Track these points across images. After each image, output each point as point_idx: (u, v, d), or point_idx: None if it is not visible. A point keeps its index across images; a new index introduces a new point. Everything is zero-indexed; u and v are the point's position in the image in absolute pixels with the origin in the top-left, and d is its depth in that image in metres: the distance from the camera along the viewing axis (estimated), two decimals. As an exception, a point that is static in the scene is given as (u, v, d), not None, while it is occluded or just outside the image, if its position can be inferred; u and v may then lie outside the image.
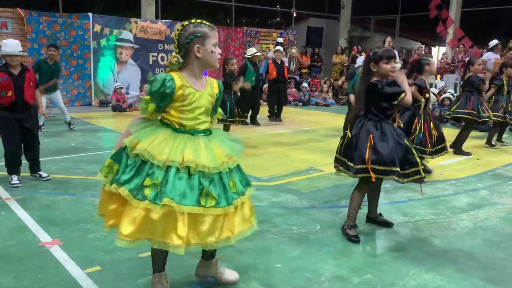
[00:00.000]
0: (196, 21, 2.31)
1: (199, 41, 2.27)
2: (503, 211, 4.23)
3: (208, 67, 2.38)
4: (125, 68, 12.55)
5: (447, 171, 5.75)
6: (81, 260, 3.00)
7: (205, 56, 2.30)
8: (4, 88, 4.48)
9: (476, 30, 15.59)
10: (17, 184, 4.63)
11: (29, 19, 10.92)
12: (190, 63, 2.32)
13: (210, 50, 2.29)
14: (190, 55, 2.30)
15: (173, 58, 2.29)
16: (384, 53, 3.36)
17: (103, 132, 8.38)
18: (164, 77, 2.25)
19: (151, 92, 2.25)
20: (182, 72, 2.32)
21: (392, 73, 3.38)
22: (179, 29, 2.30)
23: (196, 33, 2.27)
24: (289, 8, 18.05)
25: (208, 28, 2.30)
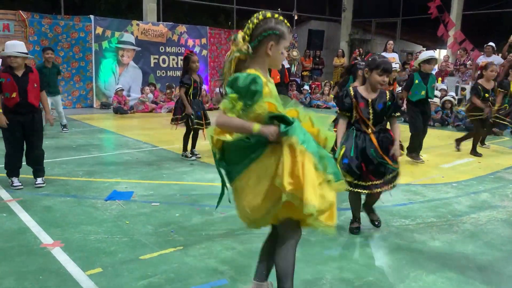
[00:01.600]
0: (279, 17, 2.16)
1: (275, 39, 2.13)
2: (504, 214, 4.23)
3: (272, 65, 2.24)
4: (126, 70, 12.58)
5: (448, 174, 5.75)
6: (83, 262, 3.01)
7: (274, 56, 2.16)
8: (8, 89, 4.47)
9: (477, 33, 15.59)
10: (19, 186, 4.63)
11: (31, 21, 10.95)
12: (258, 56, 2.15)
13: (281, 51, 2.18)
14: (261, 49, 2.14)
15: (243, 45, 2.11)
16: (380, 63, 3.38)
17: (105, 134, 8.40)
18: (252, 75, 2.05)
19: (239, 90, 2.04)
20: (254, 67, 2.13)
21: (381, 86, 3.44)
22: (260, 19, 2.13)
23: (276, 30, 2.12)
24: (290, 10, 18.07)
25: (287, 29, 2.17)
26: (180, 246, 3.29)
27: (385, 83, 3.46)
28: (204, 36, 14.08)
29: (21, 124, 4.59)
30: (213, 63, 14.32)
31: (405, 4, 17.50)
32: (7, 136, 4.64)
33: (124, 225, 3.71)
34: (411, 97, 6.07)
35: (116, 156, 6.52)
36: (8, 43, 4.65)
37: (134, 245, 3.31)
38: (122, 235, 3.49)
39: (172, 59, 13.38)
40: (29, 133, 4.66)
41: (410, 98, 6.08)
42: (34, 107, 4.67)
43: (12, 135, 4.61)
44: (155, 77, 13.04)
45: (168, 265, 3.00)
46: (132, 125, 9.70)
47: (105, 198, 4.38)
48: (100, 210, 4.06)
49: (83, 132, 8.30)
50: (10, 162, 4.70)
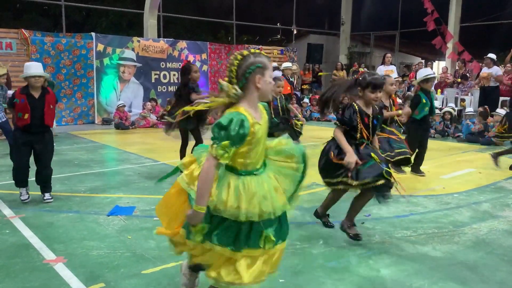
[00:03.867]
0: (255, 51, 2.23)
1: (260, 72, 2.17)
2: (506, 224, 4.23)
3: (264, 98, 2.25)
4: (127, 86, 12.67)
5: (449, 184, 5.76)
6: (85, 277, 3.02)
7: (264, 87, 2.20)
8: (21, 110, 4.53)
9: (475, 44, 15.72)
10: (26, 199, 4.70)
11: (33, 40, 11.08)
12: (248, 94, 2.19)
13: (268, 81, 2.21)
14: (250, 86, 2.18)
15: (230, 89, 2.14)
16: (371, 80, 3.47)
17: (106, 150, 8.44)
18: (241, 117, 2.08)
19: (230, 136, 2.05)
20: (243, 105, 2.17)
21: (375, 102, 3.57)
22: (239, 59, 2.17)
23: (257, 63, 2.17)
24: (289, 25, 18.28)
25: (267, 59, 2.22)
26: (182, 261, 3.29)
27: (379, 99, 3.60)
28: (204, 51, 14.22)
29: (30, 143, 4.64)
30: (214, 78, 14.43)
31: (403, 17, 17.67)
32: (15, 151, 4.71)
33: (127, 240, 3.73)
34: (417, 116, 6.05)
35: (118, 171, 6.55)
36: (28, 64, 4.71)
37: (136, 260, 3.32)
38: (125, 250, 3.50)
39: (173, 74, 13.49)
40: (40, 152, 4.70)
41: (415, 116, 6.05)
42: (46, 128, 4.70)
43: (19, 150, 4.66)
44: (156, 92, 13.13)
45: (171, 279, 3.00)
46: (134, 140, 9.75)
47: (107, 214, 4.40)
48: (102, 226, 4.07)
49: (85, 148, 8.34)
50: (17, 176, 4.76)
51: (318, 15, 21.73)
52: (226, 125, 2.06)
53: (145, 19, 13.91)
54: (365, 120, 3.55)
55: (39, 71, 4.59)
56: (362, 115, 3.54)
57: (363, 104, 3.57)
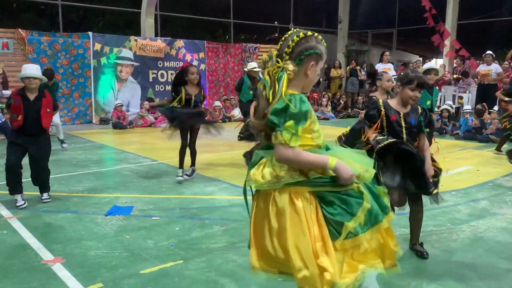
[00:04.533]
0: (319, 36, 2.01)
1: (316, 59, 1.99)
2: (504, 221, 4.24)
3: (306, 88, 2.06)
4: (125, 85, 12.65)
5: (447, 182, 5.75)
6: (83, 278, 3.01)
7: (312, 77, 2.01)
8: (15, 110, 4.51)
9: (472, 42, 15.74)
10: (22, 205, 4.61)
11: (30, 39, 11.05)
12: (296, 77, 1.98)
13: (318, 72, 2.03)
14: (300, 70, 1.97)
15: (289, 65, 1.93)
16: (414, 78, 3.21)
17: (104, 149, 8.42)
18: (299, 96, 1.92)
19: (293, 115, 1.87)
20: (292, 89, 1.97)
21: (413, 102, 3.28)
22: (301, 37, 1.96)
23: (317, 49, 1.98)
24: (287, 23, 18.26)
25: (325, 49, 2.03)
26: (181, 260, 3.30)
27: (418, 99, 3.30)
28: (202, 50, 14.20)
29: (24, 144, 4.59)
30: (211, 77, 14.42)
31: (400, 15, 17.67)
32: (8, 154, 4.63)
33: (125, 239, 3.72)
34: None
35: (115, 171, 6.54)
36: (25, 65, 4.71)
37: (134, 260, 3.31)
38: (123, 250, 3.50)
39: (171, 73, 13.46)
40: (35, 154, 4.65)
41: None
42: (41, 130, 4.65)
43: (11, 148, 4.61)
44: (153, 92, 13.11)
45: (169, 279, 3.00)
46: (131, 140, 9.73)
47: (105, 213, 4.39)
48: (100, 226, 4.07)
49: (82, 148, 8.33)
50: (10, 179, 4.67)
51: (315, 13, 21.70)
52: (284, 107, 1.87)
53: (142, 18, 13.87)
54: (392, 117, 3.26)
55: (34, 72, 4.56)
56: (388, 111, 3.28)
57: (396, 103, 3.33)
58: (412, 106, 3.33)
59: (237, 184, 5.52)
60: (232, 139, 8.07)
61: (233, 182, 5.62)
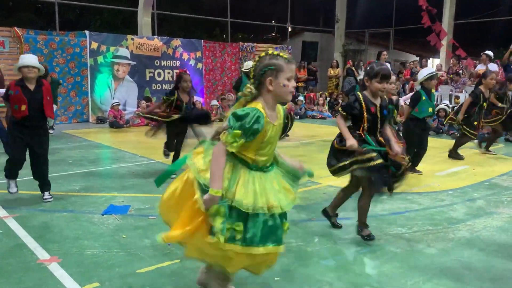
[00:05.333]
0: (273, 53, 2.29)
1: (272, 74, 2.24)
2: (500, 220, 4.26)
3: (280, 100, 2.33)
4: (122, 84, 12.62)
5: (444, 181, 5.78)
6: (80, 277, 3.00)
7: (276, 89, 2.26)
8: (16, 101, 4.46)
9: (469, 42, 15.78)
10: (15, 192, 4.67)
11: (26, 38, 11.00)
12: (263, 94, 2.29)
13: (282, 84, 2.25)
14: (263, 87, 2.27)
15: (246, 88, 2.28)
16: (379, 70, 3.42)
17: (101, 148, 8.40)
18: (258, 114, 2.19)
19: (244, 129, 2.17)
20: (261, 102, 2.28)
21: (382, 93, 3.52)
22: (256, 60, 2.30)
23: (270, 65, 2.24)
24: (284, 23, 18.26)
25: (284, 61, 2.26)
26: (178, 259, 3.29)
27: (385, 90, 3.53)
28: (199, 49, 14.18)
29: (26, 137, 4.56)
30: (208, 76, 14.40)
31: (397, 14, 17.71)
32: (12, 145, 4.65)
33: (121, 239, 3.71)
34: (418, 114, 5.88)
35: (112, 170, 6.52)
36: (23, 56, 4.67)
37: (131, 259, 3.31)
38: (119, 249, 3.49)
39: (167, 72, 13.45)
40: (36, 147, 4.62)
41: (417, 115, 5.89)
42: (45, 120, 4.64)
43: (14, 142, 4.59)
44: (150, 90, 13.08)
45: (166, 278, 3.00)
46: (128, 139, 9.71)
47: (102, 213, 4.38)
48: (97, 225, 4.05)
49: (79, 147, 8.30)
50: (9, 168, 4.70)
51: (312, 12, 21.71)
52: (242, 116, 2.17)
53: (139, 17, 13.85)
54: (371, 109, 3.48)
55: (33, 61, 4.52)
56: (368, 104, 3.48)
57: (370, 95, 3.53)
58: (382, 98, 3.57)
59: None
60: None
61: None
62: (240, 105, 2.30)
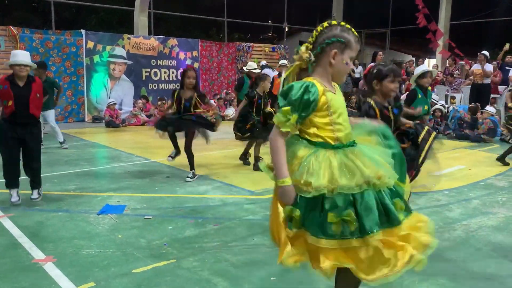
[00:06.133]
0: (346, 25, 2.03)
1: (340, 48, 1.99)
2: (495, 220, 4.27)
3: (335, 78, 2.08)
4: (118, 84, 12.59)
5: (440, 181, 5.78)
6: (75, 277, 2.99)
7: (338, 66, 2.02)
8: (4, 96, 4.41)
9: (464, 42, 15.84)
10: (17, 201, 4.58)
11: (22, 37, 10.95)
12: (320, 66, 2.03)
13: (345, 61, 2.02)
14: (323, 58, 2.01)
15: (304, 53, 2.00)
16: (390, 70, 3.37)
17: (97, 148, 8.38)
18: (306, 84, 1.93)
19: (291, 101, 1.92)
20: (314, 76, 2.02)
21: (395, 93, 3.45)
22: (324, 26, 2.02)
23: (340, 37, 1.99)
24: (280, 23, 18.27)
25: (354, 38, 2.03)
26: (173, 259, 3.28)
27: (397, 89, 3.49)
28: (195, 48, 14.17)
29: (18, 135, 4.50)
30: (205, 75, 14.39)
31: (394, 15, 17.75)
32: (2, 145, 4.55)
33: (117, 238, 3.70)
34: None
35: (108, 169, 6.50)
36: (15, 52, 4.60)
37: (127, 259, 3.29)
38: (115, 249, 3.48)
39: (164, 72, 13.43)
40: (28, 145, 4.58)
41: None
42: (33, 117, 4.59)
43: (6, 144, 4.52)
44: (147, 90, 13.06)
45: (161, 278, 2.99)
46: (124, 138, 9.69)
47: (98, 212, 4.37)
48: (92, 224, 4.04)
49: (75, 146, 8.27)
50: (7, 172, 4.63)
51: (309, 12, 21.72)
52: (287, 91, 1.94)
53: (135, 16, 13.82)
54: (385, 113, 3.41)
55: (25, 60, 4.48)
56: (382, 110, 3.40)
57: (380, 99, 3.45)
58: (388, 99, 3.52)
59: (230, 183, 5.51)
60: (225, 138, 8.06)
61: (226, 181, 5.61)
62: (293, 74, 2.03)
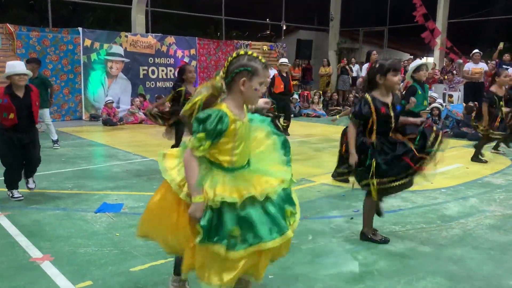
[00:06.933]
0: (252, 54, 2.21)
1: (248, 76, 2.17)
2: (492, 218, 4.28)
3: (247, 102, 2.28)
4: (115, 82, 12.56)
5: (437, 180, 5.77)
6: (73, 275, 2.98)
7: (247, 92, 2.20)
8: (5, 110, 4.43)
9: (462, 41, 15.85)
10: (19, 197, 4.65)
11: (19, 35, 10.91)
12: (233, 93, 2.21)
13: (254, 88, 2.20)
14: (234, 86, 2.20)
15: (217, 81, 2.18)
16: (392, 65, 3.37)
17: (94, 147, 8.35)
18: (220, 114, 2.12)
19: (207, 129, 2.10)
20: (227, 103, 2.21)
21: (398, 86, 3.47)
22: (234, 56, 2.21)
23: (247, 66, 2.17)
24: (278, 21, 18.25)
25: (261, 65, 2.20)
26: (171, 258, 3.28)
27: (400, 82, 3.47)
28: (193, 46, 14.14)
29: (21, 141, 4.55)
30: (203, 74, 14.37)
31: (392, 13, 17.74)
32: (5, 153, 4.56)
33: (115, 237, 3.69)
34: (414, 109, 5.85)
35: (105, 168, 6.49)
36: (11, 63, 4.61)
37: (124, 257, 3.29)
38: (113, 248, 3.47)
39: (161, 70, 13.41)
40: (29, 149, 4.65)
41: (413, 109, 5.87)
42: (34, 125, 4.69)
43: (11, 152, 4.55)
44: (144, 88, 13.04)
45: (159, 276, 2.99)
46: (122, 136, 9.66)
47: (95, 211, 4.36)
48: (90, 223, 4.03)
49: (72, 145, 8.25)
50: (10, 178, 4.68)
51: (307, 10, 21.71)
52: (203, 119, 2.11)
53: (133, 14, 13.78)
54: (381, 110, 3.35)
55: (24, 69, 4.54)
56: (377, 106, 3.36)
57: (380, 94, 3.41)
58: (394, 94, 3.47)
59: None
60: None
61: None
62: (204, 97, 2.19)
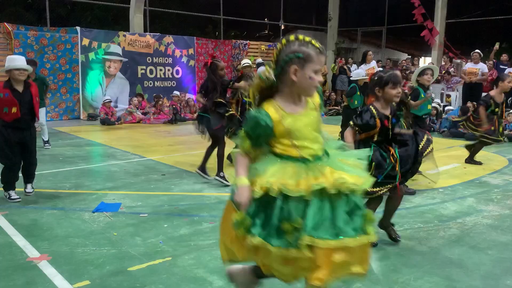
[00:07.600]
0: (304, 39, 1.96)
1: (299, 63, 1.94)
2: (490, 218, 4.29)
3: (302, 94, 2.04)
4: (113, 81, 12.55)
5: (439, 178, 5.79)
6: (70, 275, 2.98)
7: (301, 82, 1.96)
8: (6, 104, 4.41)
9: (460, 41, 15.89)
10: (17, 199, 4.60)
11: (16, 34, 10.89)
12: (283, 84, 2.01)
13: (308, 76, 1.95)
14: (285, 76, 1.98)
15: (264, 73, 2.01)
16: (390, 78, 3.34)
17: (92, 146, 8.34)
18: (256, 118, 1.98)
19: (247, 131, 2.03)
20: (277, 99, 2.03)
21: (397, 99, 3.41)
22: (283, 43, 1.98)
23: (299, 52, 1.94)
24: (277, 20, 18.25)
25: (314, 51, 1.95)
26: (169, 257, 3.28)
27: (400, 94, 3.43)
28: (191, 46, 14.13)
29: (21, 140, 4.55)
30: (201, 73, 14.36)
31: (390, 13, 17.76)
32: (4, 151, 4.52)
33: (112, 236, 3.69)
34: (418, 112, 5.75)
35: (103, 167, 6.48)
36: (12, 57, 4.60)
37: (122, 257, 3.29)
38: (110, 247, 3.47)
39: (160, 69, 13.40)
40: (28, 147, 4.64)
41: (417, 113, 5.74)
42: (33, 121, 4.68)
43: (11, 150, 4.53)
44: (142, 87, 13.03)
45: (157, 276, 2.99)
46: (120, 136, 9.65)
47: (93, 210, 4.35)
48: (87, 222, 4.03)
49: (70, 144, 8.24)
50: (8, 177, 4.64)
51: (305, 10, 21.74)
52: (247, 120, 2.05)
53: (131, 13, 13.75)
54: (385, 123, 3.37)
55: (24, 64, 4.52)
56: (382, 118, 3.37)
57: (382, 105, 3.42)
58: (390, 105, 3.47)
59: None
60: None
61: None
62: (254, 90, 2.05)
